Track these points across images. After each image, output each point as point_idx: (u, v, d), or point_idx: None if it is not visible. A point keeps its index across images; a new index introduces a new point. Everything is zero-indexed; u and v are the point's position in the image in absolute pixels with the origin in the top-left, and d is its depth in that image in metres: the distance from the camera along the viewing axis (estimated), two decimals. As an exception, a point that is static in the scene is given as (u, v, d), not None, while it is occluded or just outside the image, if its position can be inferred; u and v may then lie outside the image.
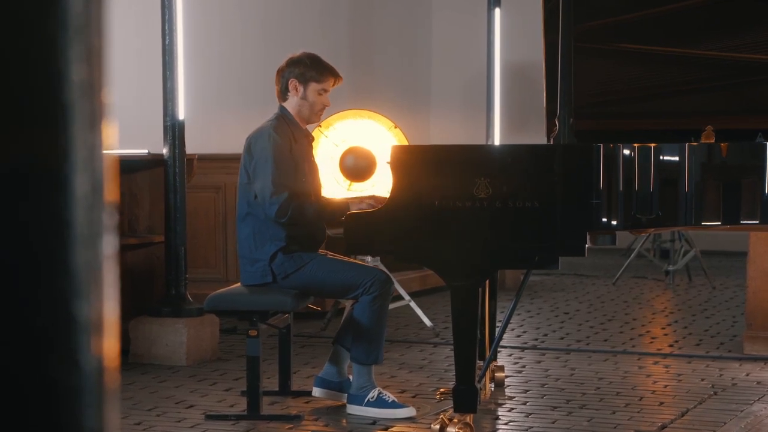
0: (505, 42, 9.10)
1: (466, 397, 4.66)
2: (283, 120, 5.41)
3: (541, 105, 5.41)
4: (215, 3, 9.34)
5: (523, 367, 6.41)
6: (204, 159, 7.49)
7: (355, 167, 6.80)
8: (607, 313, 8.35)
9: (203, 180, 7.73)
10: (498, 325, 5.80)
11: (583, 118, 5.16)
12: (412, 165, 4.71)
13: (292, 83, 5.43)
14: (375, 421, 5.18)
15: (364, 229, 4.73)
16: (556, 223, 4.59)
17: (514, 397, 5.67)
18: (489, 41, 9.00)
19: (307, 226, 5.36)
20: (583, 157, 4.67)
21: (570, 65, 4.73)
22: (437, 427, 4.69)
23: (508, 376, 6.03)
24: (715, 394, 5.72)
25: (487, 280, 5.23)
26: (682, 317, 8.15)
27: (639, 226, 4.82)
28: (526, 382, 5.99)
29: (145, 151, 7.06)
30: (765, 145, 4.80)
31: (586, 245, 4.63)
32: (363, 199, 5.32)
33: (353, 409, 5.30)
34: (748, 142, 4.95)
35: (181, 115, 6.50)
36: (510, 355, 6.72)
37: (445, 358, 6.62)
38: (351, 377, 5.38)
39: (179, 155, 6.51)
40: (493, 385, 5.80)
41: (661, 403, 5.55)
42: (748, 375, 6.15)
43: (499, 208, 4.57)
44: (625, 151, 4.68)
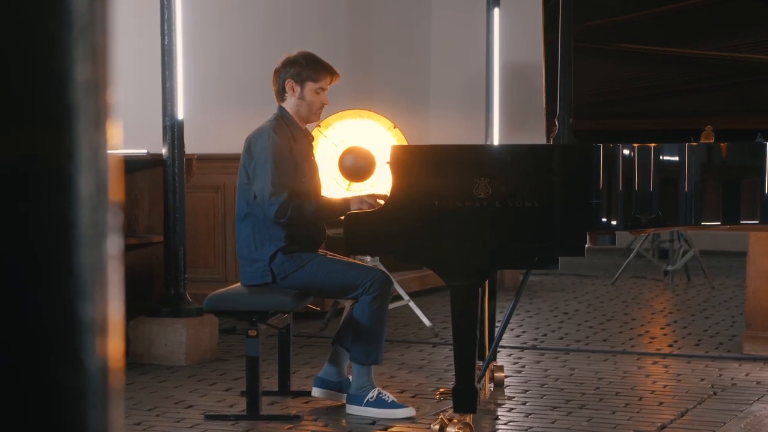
0: (504, 42, 9.09)
1: (466, 397, 4.66)
2: (282, 120, 5.41)
3: (541, 105, 5.40)
4: (214, 3, 9.33)
5: (523, 367, 6.41)
6: (203, 159, 7.48)
7: (355, 167, 6.79)
8: (607, 313, 8.34)
9: (202, 180, 7.72)
10: (497, 325, 5.80)
11: (583, 118, 5.16)
12: (411, 165, 4.71)
13: (289, 84, 5.42)
14: (374, 421, 5.18)
15: (364, 229, 4.73)
16: (555, 223, 4.59)
17: (514, 397, 5.66)
18: (488, 41, 9.00)
19: (307, 226, 5.35)
20: (582, 157, 4.67)
21: (570, 65, 4.72)
22: (437, 427, 4.69)
23: (507, 376, 6.03)
24: (714, 394, 5.72)
25: (487, 280, 5.22)
26: (681, 317, 8.15)
27: (639, 226, 4.82)
28: (526, 382, 5.99)
29: (144, 151, 7.06)
30: (765, 145, 4.79)
31: (586, 245, 4.63)
32: (363, 198, 5.31)
33: (353, 409, 5.30)
34: (747, 142, 4.95)
35: (180, 115, 6.50)
36: (509, 355, 6.72)
37: (444, 358, 6.61)
38: (350, 377, 5.38)
39: (178, 155, 6.50)
40: (493, 385, 5.80)
41: (660, 403, 5.55)
42: (747, 375, 6.15)
43: (499, 208, 4.57)
44: (625, 151, 4.68)
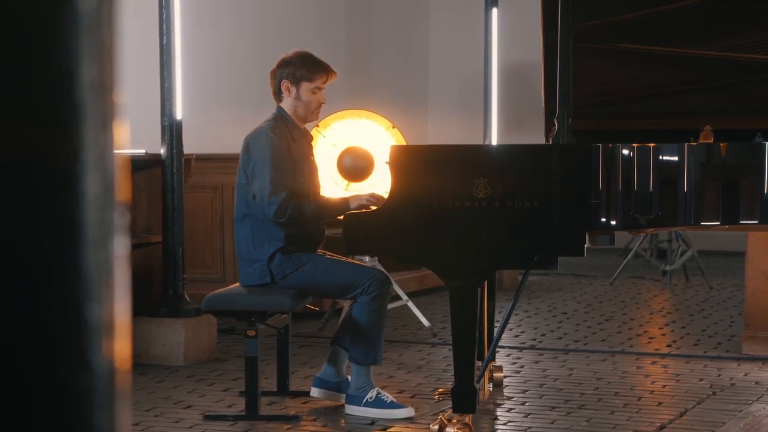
0: (503, 42, 9.09)
1: (465, 398, 4.65)
2: (280, 120, 5.40)
3: (539, 105, 5.40)
4: (212, 3, 9.33)
5: (522, 367, 6.40)
6: (201, 159, 7.48)
7: (353, 167, 6.79)
8: (605, 313, 8.34)
9: (201, 180, 7.72)
10: (496, 325, 5.80)
11: (582, 118, 5.16)
12: (411, 165, 4.70)
13: (284, 84, 5.41)
14: (373, 422, 5.18)
15: (363, 229, 4.73)
16: (555, 223, 4.59)
17: (513, 397, 5.66)
18: (486, 41, 9.00)
19: (306, 225, 5.35)
20: (582, 157, 4.66)
21: (569, 65, 4.72)
22: (436, 427, 4.68)
23: (506, 377, 6.02)
24: (713, 394, 5.71)
25: (486, 280, 5.22)
26: (679, 317, 8.15)
27: (638, 226, 4.82)
28: (525, 383, 5.99)
29: (143, 151, 7.05)
30: (764, 145, 4.79)
31: (585, 245, 4.63)
32: (362, 198, 5.31)
33: (352, 409, 5.30)
34: (747, 142, 4.94)
35: (178, 114, 6.49)
36: (508, 356, 6.72)
37: (443, 358, 6.61)
38: (349, 377, 5.37)
39: (177, 155, 6.50)
40: (492, 385, 5.79)
41: (659, 403, 5.54)
42: (746, 375, 6.15)
43: (498, 208, 4.56)
44: (624, 151, 4.68)
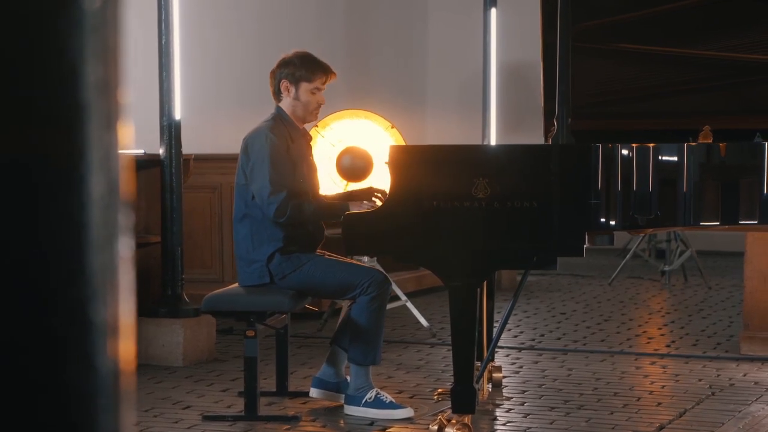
0: (501, 42, 9.09)
1: (465, 398, 4.65)
2: (279, 120, 5.39)
3: (538, 105, 5.39)
4: (211, 4, 9.33)
5: (521, 367, 6.40)
6: (200, 159, 7.47)
7: (352, 167, 6.78)
8: (604, 313, 8.34)
9: (199, 180, 7.71)
10: (495, 326, 5.80)
11: (582, 118, 5.16)
12: (410, 165, 4.70)
13: (284, 84, 5.40)
14: (373, 422, 5.17)
15: (363, 229, 4.72)
16: (554, 224, 4.58)
17: (512, 397, 5.66)
18: (485, 41, 9.00)
19: (305, 226, 5.34)
20: (581, 157, 4.66)
21: (568, 65, 4.71)
22: (435, 427, 4.68)
23: (505, 377, 6.02)
24: (712, 394, 5.71)
25: (486, 280, 5.21)
26: (678, 317, 8.14)
27: (637, 226, 4.81)
28: (524, 383, 5.98)
29: (142, 151, 7.04)
30: (763, 145, 4.79)
31: (585, 245, 4.62)
32: (362, 196, 5.30)
33: (351, 409, 5.29)
34: (746, 142, 4.94)
35: (177, 115, 6.48)
36: (507, 356, 6.71)
37: (442, 359, 6.61)
38: (348, 378, 5.37)
39: (176, 155, 6.49)
40: (491, 385, 5.79)
41: (659, 403, 5.54)
42: (745, 375, 6.14)
43: (498, 208, 4.56)
44: (624, 151, 4.67)
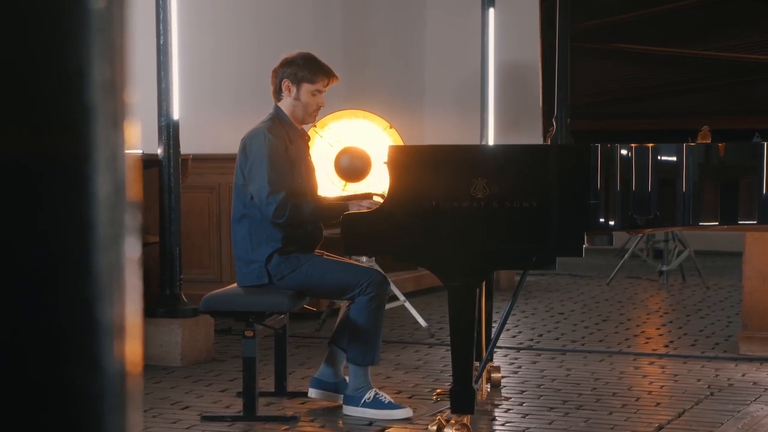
0: (499, 42, 9.10)
1: (464, 398, 4.65)
2: (278, 120, 5.39)
3: (536, 105, 5.39)
4: (209, 3, 9.32)
5: (519, 367, 6.40)
6: (198, 159, 7.47)
7: (351, 167, 6.78)
8: (602, 313, 8.34)
9: (198, 180, 7.70)
10: (494, 326, 5.80)
11: (580, 118, 5.15)
12: (409, 165, 4.69)
13: (285, 84, 5.40)
14: (372, 422, 5.17)
15: (362, 229, 4.72)
16: (553, 224, 4.58)
17: (511, 398, 5.65)
18: (483, 41, 9.01)
19: (304, 226, 5.34)
20: (580, 157, 4.66)
21: (567, 65, 4.71)
22: (434, 428, 4.68)
23: (504, 377, 6.02)
24: (711, 394, 5.71)
25: (484, 280, 5.21)
26: (676, 317, 8.15)
27: (636, 226, 4.81)
28: (523, 383, 5.98)
29: (140, 151, 7.04)
30: (762, 145, 4.79)
31: (584, 245, 4.62)
32: (361, 198, 5.30)
33: (350, 410, 5.29)
34: (745, 142, 4.94)
35: (175, 115, 6.48)
36: (505, 356, 6.71)
37: (440, 359, 6.60)
38: (347, 378, 5.36)
39: (174, 155, 6.48)
40: (490, 386, 5.79)
41: (657, 403, 5.54)
42: (744, 375, 6.14)
43: (497, 208, 4.56)
44: (623, 151, 4.67)
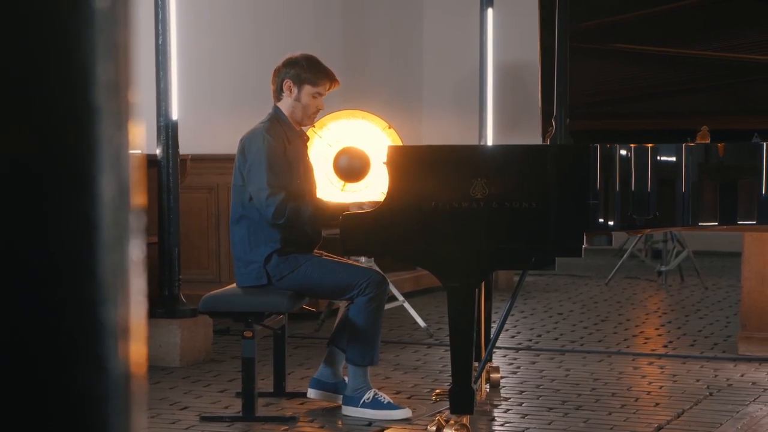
0: (498, 42, 9.09)
1: (463, 399, 4.64)
2: (276, 121, 5.38)
3: (534, 105, 5.39)
4: (208, 3, 9.32)
5: (518, 368, 6.40)
6: (197, 159, 7.46)
7: (349, 167, 6.77)
8: (601, 313, 8.34)
9: (196, 180, 7.70)
10: (493, 326, 5.79)
11: (580, 119, 5.15)
12: (408, 165, 4.69)
13: (287, 84, 5.39)
14: (371, 423, 5.17)
15: (361, 229, 4.71)
16: (553, 224, 4.58)
17: (510, 398, 5.65)
18: (481, 42, 9.00)
19: (303, 226, 5.33)
20: (579, 157, 4.65)
21: (566, 65, 4.71)
22: (434, 428, 4.67)
23: (503, 377, 6.02)
24: (710, 395, 5.71)
25: (484, 280, 5.21)
26: (675, 318, 8.14)
27: (636, 226, 4.81)
28: (522, 383, 5.98)
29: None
30: (761, 145, 4.78)
31: (583, 246, 4.62)
32: (361, 204, 5.29)
33: (349, 410, 5.28)
34: (744, 143, 4.94)
35: (174, 115, 6.47)
36: (504, 356, 6.71)
37: (439, 359, 6.60)
38: (346, 378, 5.36)
39: (172, 155, 6.48)
40: (489, 386, 5.78)
41: (656, 404, 5.54)
42: (743, 376, 6.14)
43: (496, 208, 4.55)
44: (622, 152, 4.67)
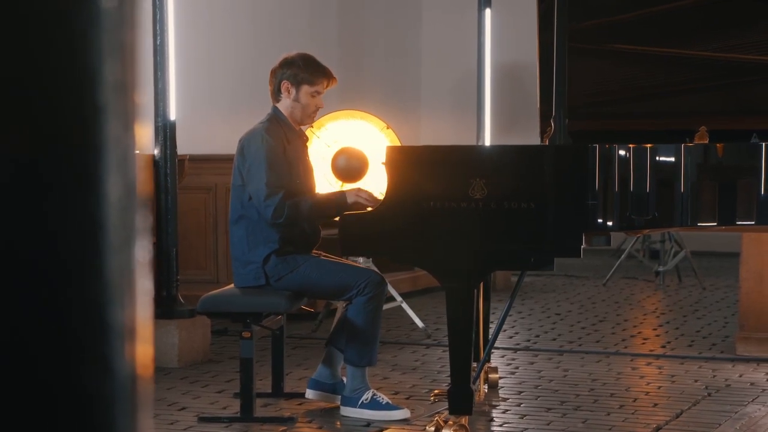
0: (496, 43, 9.09)
1: (462, 399, 4.64)
2: (275, 121, 5.38)
3: (532, 105, 5.39)
4: (206, 4, 9.31)
5: (516, 368, 6.39)
6: (195, 159, 7.45)
7: (348, 168, 6.76)
8: (599, 314, 8.34)
9: (194, 181, 7.69)
10: (491, 327, 5.79)
11: (579, 119, 5.15)
12: (407, 165, 4.69)
13: (285, 85, 5.38)
14: (369, 423, 5.16)
15: (360, 230, 4.71)
16: (551, 224, 4.58)
17: (508, 398, 5.65)
18: (479, 42, 9.00)
19: (302, 225, 5.32)
20: (578, 157, 4.65)
21: (565, 65, 4.71)
22: (432, 428, 4.67)
23: (501, 378, 6.01)
24: (709, 395, 5.71)
25: (482, 281, 5.21)
26: (673, 318, 8.14)
27: (634, 227, 4.81)
28: (520, 384, 5.98)
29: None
30: (760, 145, 4.78)
31: (582, 246, 4.61)
32: (359, 191, 5.27)
33: (347, 411, 5.28)
34: (743, 143, 4.94)
35: (172, 115, 6.46)
36: (503, 357, 6.71)
37: (437, 359, 6.60)
38: (344, 379, 5.35)
39: (170, 156, 6.47)
40: (487, 386, 5.78)
41: (655, 404, 5.54)
42: (741, 376, 6.14)
43: (495, 209, 4.55)
44: (621, 152, 4.67)
